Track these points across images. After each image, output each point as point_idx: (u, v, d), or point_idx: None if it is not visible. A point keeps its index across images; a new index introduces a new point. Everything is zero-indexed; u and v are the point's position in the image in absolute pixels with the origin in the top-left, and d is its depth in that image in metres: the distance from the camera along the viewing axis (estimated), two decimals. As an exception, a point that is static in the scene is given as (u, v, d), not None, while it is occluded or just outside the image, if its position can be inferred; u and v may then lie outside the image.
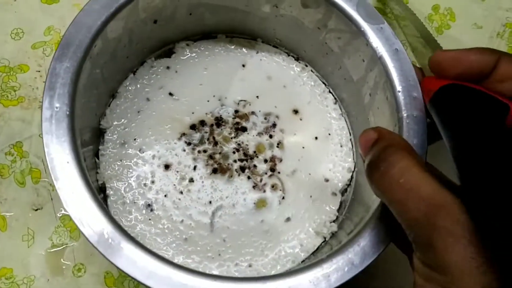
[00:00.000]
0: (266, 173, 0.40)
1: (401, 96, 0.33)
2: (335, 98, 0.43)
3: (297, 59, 0.44)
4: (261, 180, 0.40)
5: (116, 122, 0.40)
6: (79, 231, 0.40)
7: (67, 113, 0.30)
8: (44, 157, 0.38)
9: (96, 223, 0.28)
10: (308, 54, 0.43)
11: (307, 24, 0.39)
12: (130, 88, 0.41)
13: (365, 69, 0.37)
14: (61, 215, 0.41)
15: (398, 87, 0.34)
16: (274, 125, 0.41)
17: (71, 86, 0.30)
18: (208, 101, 0.41)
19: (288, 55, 0.44)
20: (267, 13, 0.39)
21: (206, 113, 0.41)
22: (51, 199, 0.42)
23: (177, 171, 0.39)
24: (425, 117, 0.33)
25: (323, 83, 0.44)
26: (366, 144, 0.27)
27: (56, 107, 0.30)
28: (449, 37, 0.50)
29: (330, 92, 0.43)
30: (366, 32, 0.35)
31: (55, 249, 0.41)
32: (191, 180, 0.39)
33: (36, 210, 0.42)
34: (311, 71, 0.44)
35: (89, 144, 0.38)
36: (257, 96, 0.42)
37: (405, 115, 0.33)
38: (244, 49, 0.43)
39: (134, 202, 0.38)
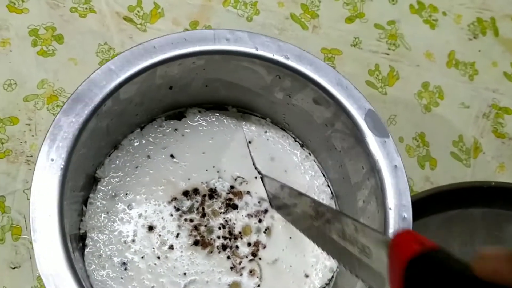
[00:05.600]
0: (247, 257, 0.39)
1: (391, 214, 0.33)
2: (332, 194, 0.43)
3: (302, 146, 0.44)
4: (240, 263, 0.39)
5: (112, 174, 0.40)
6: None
7: (61, 166, 0.30)
8: (26, 214, 0.39)
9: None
10: (313, 144, 0.43)
11: (315, 118, 0.39)
12: (134, 142, 0.42)
13: (363, 176, 0.37)
14: (38, 274, 0.39)
15: (390, 205, 0.34)
16: (265, 211, 0.41)
17: (71, 140, 0.31)
18: (206, 170, 0.42)
19: (295, 140, 0.44)
20: (280, 99, 0.40)
21: (201, 182, 0.41)
22: (30, 257, 0.41)
23: (160, 235, 0.39)
24: None
25: (323, 175, 0.44)
26: None
27: (52, 159, 0.30)
28: (437, 115, 0.51)
29: (328, 186, 0.43)
30: (369, 142, 0.35)
31: (30, 310, 0.40)
32: (171, 247, 0.39)
33: (14, 268, 0.41)
34: (314, 160, 0.44)
35: (80, 190, 0.38)
36: (256, 177, 0.42)
37: (391, 232, 0.33)
38: (253, 127, 0.44)
39: (110, 258, 0.38)
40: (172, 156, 0.42)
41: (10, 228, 0.41)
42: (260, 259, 0.40)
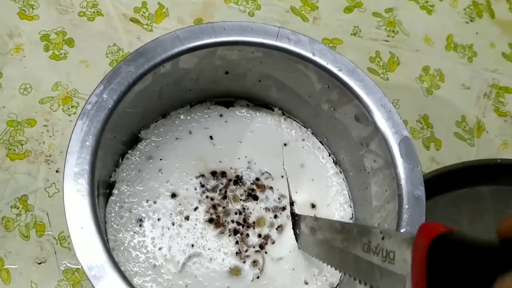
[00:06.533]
0: (254, 247, 0.41)
1: (400, 238, 0.34)
2: (352, 215, 0.44)
3: (335, 162, 0.45)
4: (246, 251, 0.40)
5: (153, 138, 0.43)
6: (81, 285, 0.41)
7: (110, 106, 0.33)
8: (48, 211, 0.42)
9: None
10: (345, 163, 0.44)
11: (353, 135, 0.41)
12: (181, 116, 0.44)
13: (384, 200, 0.38)
14: (64, 268, 0.42)
15: (402, 230, 0.34)
16: (283, 209, 0.42)
17: (126, 87, 0.34)
18: (238, 158, 0.44)
19: (329, 155, 0.45)
20: (324, 110, 0.42)
21: (231, 168, 0.43)
22: (55, 252, 0.42)
23: (180, 204, 0.41)
24: None
25: (349, 195, 0.44)
26: None
27: (104, 98, 0.33)
28: (439, 98, 0.53)
29: (350, 206, 0.44)
30: (398, 167, 0.36)
31: (57, 302, 0.42)
32: (187, 218, 0.41)
33: (40, 263, 0.42)
34: (343, 179, 0.45)
35: (122, 144, 0.42)
36: (283, 176, 0.44)
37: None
38: (293, 132, 0.46)
39: (130, 211, 0.40)
40: (211, 137, 0.44)
41: (34, 225, 0.43)
42: (266, 252, 0.41)
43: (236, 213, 0.41)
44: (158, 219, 0.40)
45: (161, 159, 0.42)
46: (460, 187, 0.46)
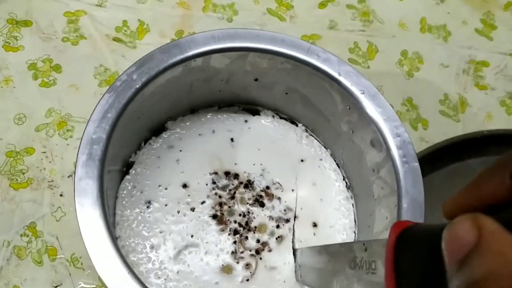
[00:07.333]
0: (250, 250, 0.41)
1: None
2: (354, 239, 0.44)
3: (348, 187, 0.46)
4: (242, 252, 0.41)
5: (178, 130, 0.45)
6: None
7: (137, 86, 0.36)
8: (58, 235, 0.43)
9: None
10: (357, 188, 0.45)
11: (367, 161, 0.41)
12: (207, 115, 0.47)
13: (384, 226, 0.38)
14: None
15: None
16: (287, 221, 0.43)
17: (155, 72, 0.37)
18: (254, 164, 0.45)
19: (343, 179, 0.46)
20: (344, 131, 0.43)
21: (244, 171, 0.44)
22: (69, 274, 0.43)
23: (189, 195, 0.43)
24: None
25: (355, 220, 0.44)
26: (457, 249, 0.18)
27: (133, 78, 0.36)
28: (420, 79, 0.55)
29: (354, 232, 0.44)
30: (402, 196, 0.36)
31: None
32: (193, 209, 0.42)
33: (56, 286, 0.43)
34: (352, 204, 0.45)
35: (148, 131, 0.44)
36: (293, 190, 0.44)
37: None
38: (312, 149, 0.47)
39: (141, 192, 0.42)
40: (232, 139, 0.46)
41: (45, 250, 0.44)
42: (260, 258, 0.41)
43: (240, 215, 0.43)
44: (166, 205, 0.42)
45: (180, 150, 0.45)
46: (452, 162, 0.47)
